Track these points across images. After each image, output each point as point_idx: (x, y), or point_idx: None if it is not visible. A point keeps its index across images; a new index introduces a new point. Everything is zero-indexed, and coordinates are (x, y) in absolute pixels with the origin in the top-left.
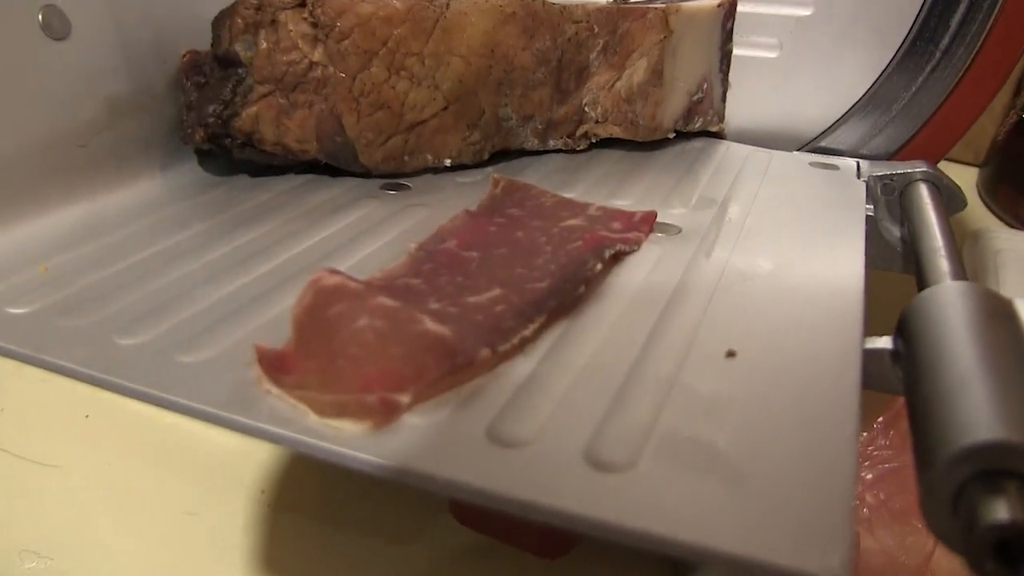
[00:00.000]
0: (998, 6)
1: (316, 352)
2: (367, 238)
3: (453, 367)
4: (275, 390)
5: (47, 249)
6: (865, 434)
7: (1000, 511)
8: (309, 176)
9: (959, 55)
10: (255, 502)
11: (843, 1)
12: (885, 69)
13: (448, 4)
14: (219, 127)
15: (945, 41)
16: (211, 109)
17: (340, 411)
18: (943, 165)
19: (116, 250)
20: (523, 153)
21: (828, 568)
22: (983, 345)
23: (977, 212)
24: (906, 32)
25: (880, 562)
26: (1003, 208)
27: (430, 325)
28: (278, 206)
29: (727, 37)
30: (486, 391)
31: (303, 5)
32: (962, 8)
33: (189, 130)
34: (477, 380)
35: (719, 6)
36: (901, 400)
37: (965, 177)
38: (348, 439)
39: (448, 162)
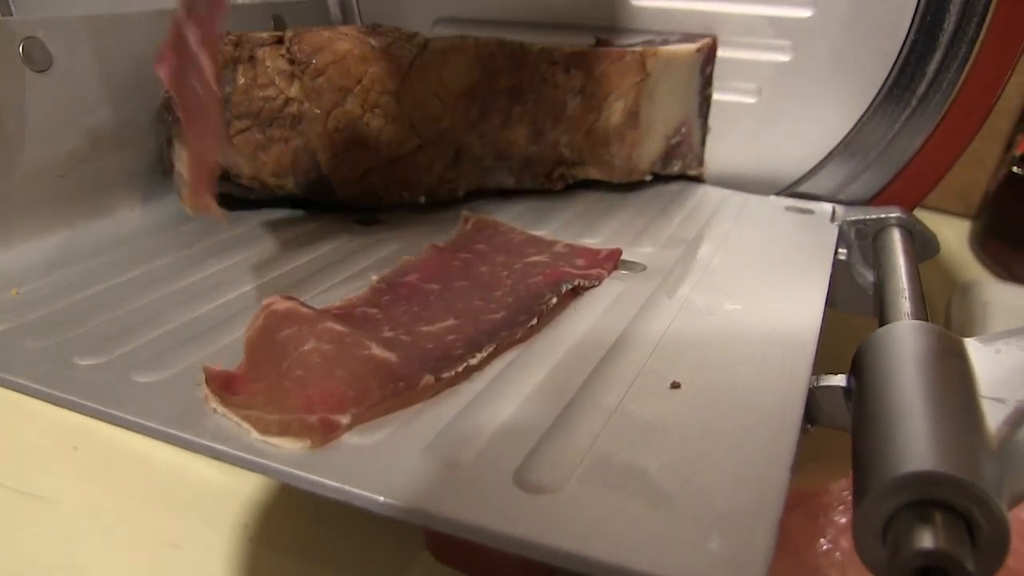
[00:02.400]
0: (973, 55)
1: (265, 373)
2: (335, 270)
3: (395, 391)
4: (221, 409)
5: (21, 275)
6: (843, 480)
7: (925, 539)
8: (287, 210)
9: (935, 102)
10: (238, 536)
11: (821, 48)
12: (863, 116)
13: (426, 44)
14: None
15: (921, 89)
16: None
17: (282, 430)
18: (935, 217)
19: (89, 277)
20: (499, 192)
21: None
22: (927, 381)
23: (968, 264)
24: (883, 79)
25: None
26: (994, 260)
27: (376, 351)
28: (253, 238)
29: (706, 81)
30: (428, 414)
31: (281, 42)
32: (938, 56)
33: (169, 164)
34: (420, 404)
35: (698, 51)
36: None
37: (957, 229)
38: (286, 456)
39: (423, 199)
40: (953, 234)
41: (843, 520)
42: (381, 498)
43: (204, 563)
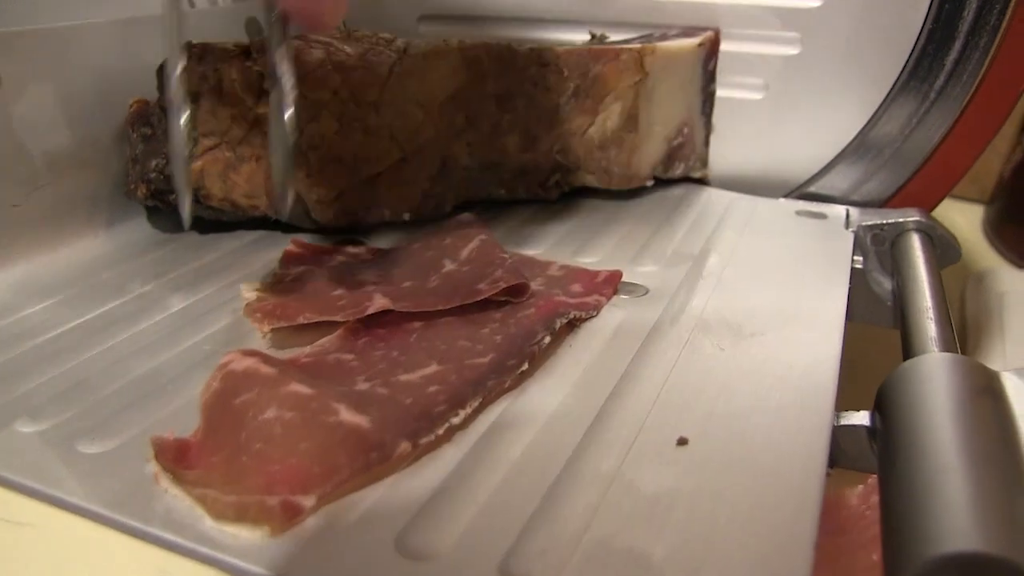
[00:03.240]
0: (995, 45)
1: (223, 444)
2: None
3: (367, 464)
4: (173, 489)
5: None
6: (860, 488)
7: None
8: (261, 232)
9: (955, 96)
10: None
11: (832, 40)
12: (877, 111)
13: (405, 48)
14: (162, 183)
15: (940, 81)
16: (154, 164)
17: (239, 514)
18: (947, 203)
19: (42, 321)
20: (490, 204)
21: None
22: (964, 430)
23: (982, 252)
24: (899, 72)
25: None
26: (1009, 247)
27: (345, 415)
28: (224, 267)
29: (709, 78)
30: (402, 490)
31: (248, 54)
32: (957, 46)
33: (132, 185)
34: (396, 475)
35: (699, 45)
36: None
37: (971, 215)
38: (243, 548)
39: (407, 216)
40: (966, 221)
41: (865, 536)
42: None
43: None
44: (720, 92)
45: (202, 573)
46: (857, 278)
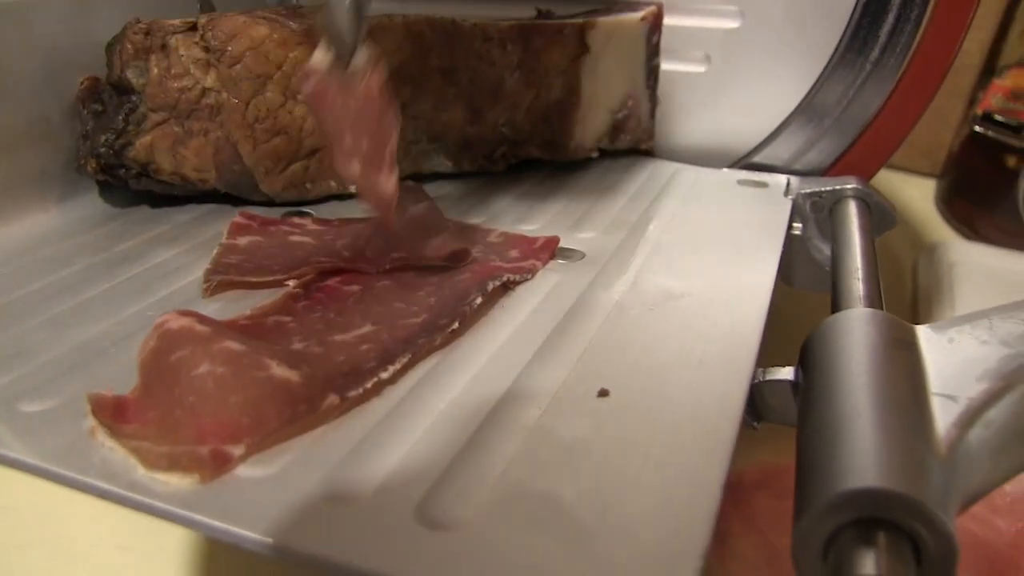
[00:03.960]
0: (927, 16)
1: (158, 400)
2: None
3: (294, 416)
4: (108, 442)
5: None
6: None
7: (867, 565)
8: (211, 206)
9: (890, 66)
10: (192, 537)
11: (771, 14)
12: (816, 82)
13: None
14: (112, 157)
15: (875, 52)
16: (103, 139)
17: (171, 464)
18: (901, 177)
19: None
20: (437, 176)
21: None
22: (875, 379)
23: (934, 224)
24: (836, 44)
25: None
26: (959, 220)
27: (276, 371)
28: (173, 238)
29: (653, 51)
30: (330, 439)
31: (194, 29)
32: (891, 18)
33: (82, 161)
34: (324, 427)
35: (642, 19)
36: None
37: (922, 189)
38: (172, 494)
39: (353, 188)
40: (919, 193)
41: None
42: (269, 540)
43: (156, 566)
44: (664, 65)
45: (135, 520)
46: (797, 245)
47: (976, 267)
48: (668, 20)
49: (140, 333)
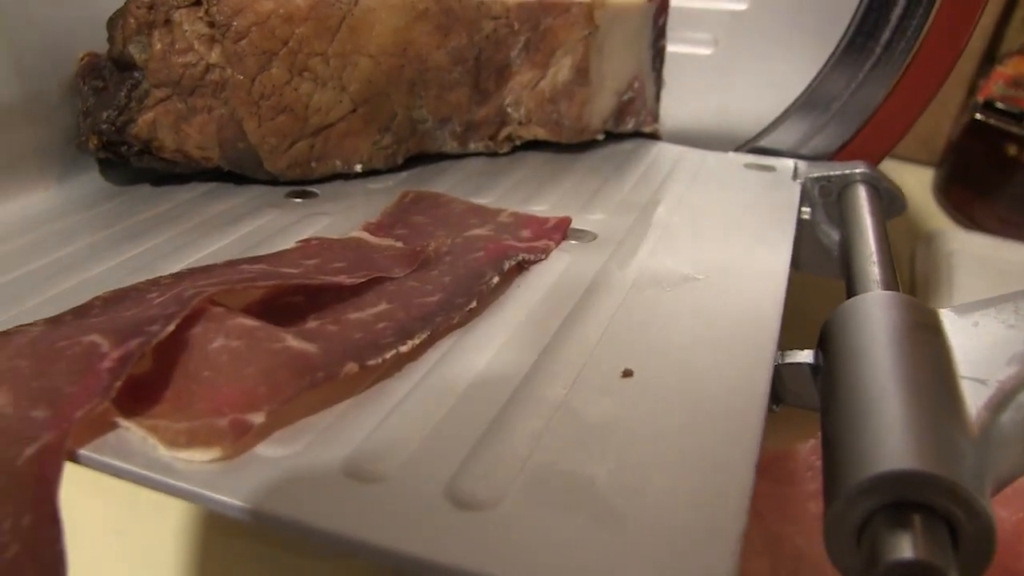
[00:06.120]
0: (937, 1)
1: (172, 377)
2: (260, 250)
3: (313, 382)
4: (124, 421)
5: None
6: (811, 442)
7: (904, 549)
8: (214, 184)
9: (899, 50)
10: (188, 520)
11: None
12: (824, 66)
13: (356, 1)
14: (114, 134)
15: (885, 36)
16: (105, 115)
17: (190, 439)
18: (898, 166)
19: None
20: (442, 157)
21: None
22: (901, 362)
23: (932, 213)
24: (845, 27)
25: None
26: (957, 209)
27: (292, 342)
28: (176, 217)
29: (659, 33)
30: (352, 417)
31: (199, 3)
32: (902, 2)
33: (83, 138)
34: (344, 404)
35: (649, 0)
36: None
37: (920, 177)
38: (195, 473)
39: (359, 168)
40: (916, 182)
41: (812, 487)
42: (299, 519)
43: (151, 549)
44: (670, 47)
45: (132, 504)
46: (805, 229)
47: (974, 256)
48: (675, 1)
49: None
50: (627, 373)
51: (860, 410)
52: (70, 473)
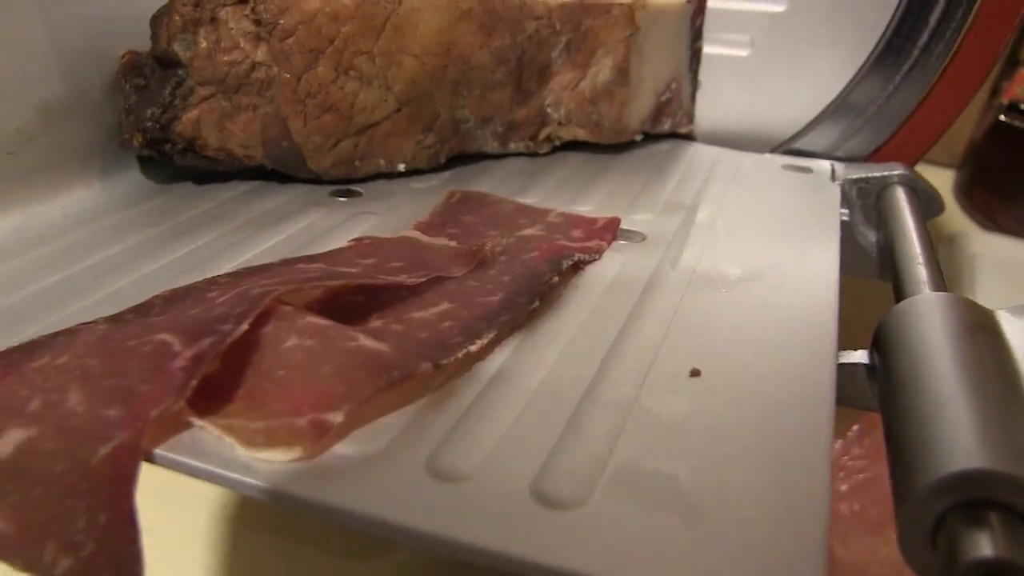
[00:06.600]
0: (977, 2)
1: (244, 376)
2: (310, 249)
3: (389, 382)
4: (198, 420)
5: None
6: (840, 442)
7: (983, 547)
8: (256, 183)
9: (937, 53)
10: (217, 518)
11: None
12: (861, 68)
13: (400, 0)
14: (158, 132)
15: (924, 39)
16: (150, 113)
17: (269, 439)
18: (919, 166)
19: (42, 266)
20: (482, 157)
21: None
22: (963, 362)
23: (953, 215)
24: (883, 29)
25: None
26: (979, 211)
27: (365, 341)
28: (221, 215)
29: (696, 34)
30: (428, 417)
31: (245, 1)
32: (941, 4)
33: (127, 135)
34: (418, 404)
35: (688, 1)
36: None
37: (941, 179)
38: (275, 472)
39: (402, 167)
40: (937, 184)
41: (844, 487)
42: (387, 519)
43: (181, 547)
44: (707, 49)
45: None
46: (843, 231)
47: (997, 259)
48: (713, 3)
49: None
50: (695, 373)
51: (927, 410)
52: None
